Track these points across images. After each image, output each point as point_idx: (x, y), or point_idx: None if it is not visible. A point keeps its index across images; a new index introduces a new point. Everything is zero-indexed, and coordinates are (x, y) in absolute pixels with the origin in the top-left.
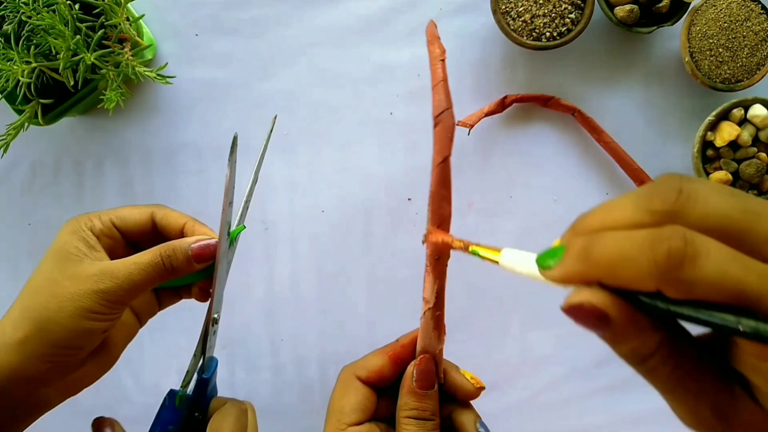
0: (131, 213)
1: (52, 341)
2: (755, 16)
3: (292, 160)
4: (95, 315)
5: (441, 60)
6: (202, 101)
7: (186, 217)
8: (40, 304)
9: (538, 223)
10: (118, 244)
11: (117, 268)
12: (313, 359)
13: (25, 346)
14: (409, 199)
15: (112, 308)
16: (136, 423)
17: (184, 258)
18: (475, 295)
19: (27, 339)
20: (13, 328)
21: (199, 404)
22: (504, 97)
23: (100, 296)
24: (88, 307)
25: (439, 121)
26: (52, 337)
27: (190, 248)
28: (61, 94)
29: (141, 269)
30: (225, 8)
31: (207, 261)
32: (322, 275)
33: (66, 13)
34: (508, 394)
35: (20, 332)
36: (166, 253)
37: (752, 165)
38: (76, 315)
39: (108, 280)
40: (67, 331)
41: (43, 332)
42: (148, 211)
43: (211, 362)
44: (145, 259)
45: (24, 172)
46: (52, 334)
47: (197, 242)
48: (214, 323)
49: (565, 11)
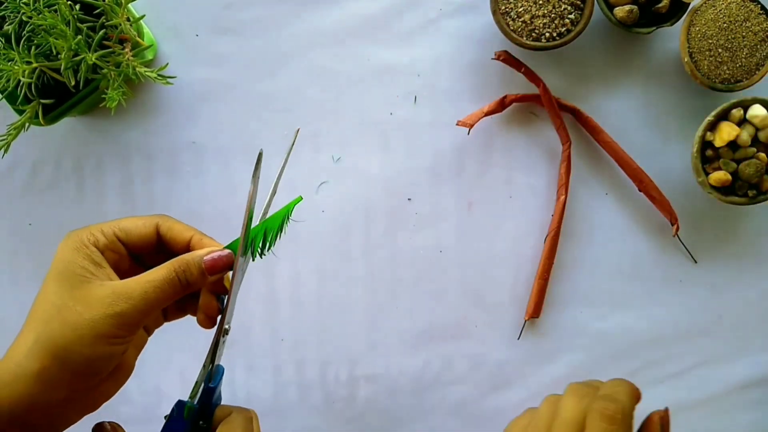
0: (135, 225)
1: (72, 370)
2: (754, 17)
3: (292, 160)
4: (114, 339)
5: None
6: (203, 101)
7: (192, 230)
8: (55, 332)
9: (538, 223)
10: (123, 258)
11: (131, 288)
12: (313, 359)
13: (43, 377)
14: (409, 199)
15: (130, 330)
16: (138, 423)
17: (198, 271)
18: (475, 295)
19: (45, 369)
20: (28, 358)
21: (203, 413)
22: (504, 97)
23: (116, 320)
24: (105, 333)
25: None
26: (72, 367)
27: (203, 261)
28: (62, 95)
29: (156, 287)
30: (225, 8)
31: (220, 273)
32: (322, 275)
33: (67, 13)
34: (508, 394)
35: (37, 363)
36: (181, 268)
37: (751, 165)
38: (95, 342)
39: (123, 302)
40: (86, 359)
41: (62, 362)
42: (152, 223)
43: (217, 371)
44: (159, 276)
45: (24, 173)
46: (71, 364)
47: (209, 254)
48: (225, 334)
49: (564, 12)
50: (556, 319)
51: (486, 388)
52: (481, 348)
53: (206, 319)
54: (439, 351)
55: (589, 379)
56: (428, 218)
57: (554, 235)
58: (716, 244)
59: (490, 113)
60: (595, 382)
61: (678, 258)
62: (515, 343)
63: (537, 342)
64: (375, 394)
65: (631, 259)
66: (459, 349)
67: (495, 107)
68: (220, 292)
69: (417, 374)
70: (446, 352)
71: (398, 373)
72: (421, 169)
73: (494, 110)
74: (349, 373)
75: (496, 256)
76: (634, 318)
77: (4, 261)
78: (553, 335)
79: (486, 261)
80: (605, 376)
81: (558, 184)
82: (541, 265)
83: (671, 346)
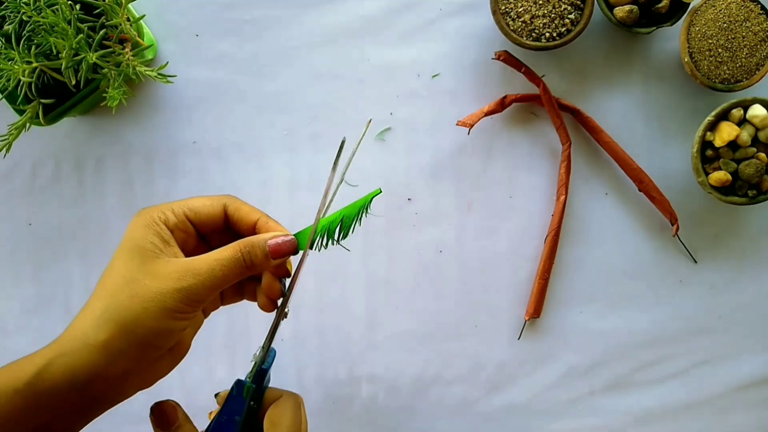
0: (204, 205)
1: (137, 342)
2: (754, 17)
3: (292, 160)
4: (178, 314)
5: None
6: (203, 101)
7: (259, 213)
8: (122, 304)
9: (538, 223)
10: (190, 237)
11: (198, 265)
12: (312, 360)
13: (109, 347)
14: (409, 199)
15: (195, 306)
16: (136, 423)
17: (263, 254)
18: (475, 295)
19: (111, 340)
20: (95, 328)
21: (255, 393)
22: (504, 96)
23: (183, 294)
24: (171, 307)
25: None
26: (137, 339)
27: (267, 244)
28: (62, 94)
29: (223, 265)
30: (225, 9)
31: (283, 257)
32: (322, 275)
33: (68, 13)
34: (508, 394)
35: (103, 333)
36: (246, 249)
37: (751, 165)
38: (161, 315)
39: (191, 277)
40: (151, 332)
41: (128, 334)
42: (220, 203)
43: (270, 354)
44: (226, 255)
45: (25, 172)
46: (136, 336)
47: (273, 239)
48: (284, 317)
49: (564, 12)
50: (556, 319)
51: (486, 388)
52: (481, 348)
53: (268, 302)
54: (439, 351)
55: (582, 379)
56: (428, 218)
57: (554, 235)
58: (716, 244)
59: (490, 113)
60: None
61: (678, 258)
62: (515, 343)
63: (537, 342)
64: (375, 394)
65: (631, 259)
66: (459, 349)
67: (495, 107)
68: (283, 276)
69: (417, 374)
70: (446, 352)
71: (398, 373)
72: (421, 169)
73: (494, 110)
74: (349, 373)
75: (496, 256)
76: (634, 318)
77: (4, 261)
78: (553, 335)
79: (486, 261)
80: (605, 376)
81: (558, 184)
82: (541, 265)
83: (671, 346)
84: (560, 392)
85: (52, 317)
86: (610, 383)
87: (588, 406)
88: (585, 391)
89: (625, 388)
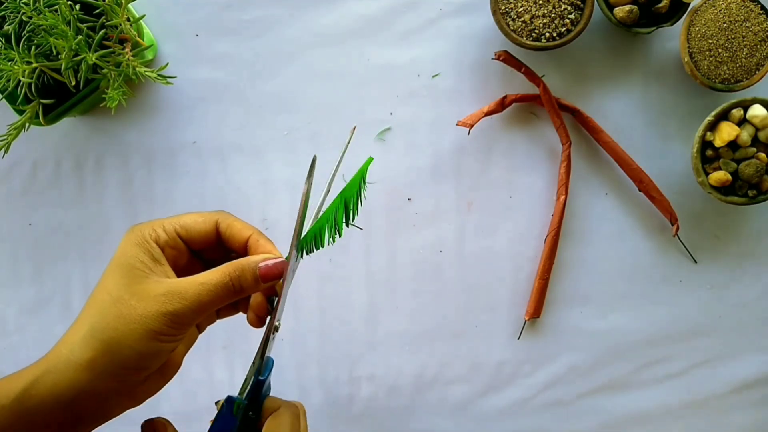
0: (196, 222)
1: (121, 363)
2: (754, 17)
3: (292, 160)
4: (164, 337)
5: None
6: (203, 101)
7: (251, 229)
8: (108, 324)
9: (538, 223)
10: (182, 254)
11: (185, 289)
12: (313, 359)
13: (94, 366)
14: (409, 199)
15: (181, 330)
16: (135, 423)
17: (252, 278)
18: (475, 295)
19: (96, 359)
20: (81, 347)
21: (253, 403)
22: (504, 97)
23: (169, 318)
24: (157, 330)
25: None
26: (121, 359)
27: (258, 268)
28: (62, 95)
29: (210, 290)
30: (225, 9)
31: (274, 280)
32: (322, 275)
33: (67, 13)
34: (508, 394)
35: (89, 352)
36: (236, 273)
37: (751, 165)
38: (145, 337)
39: (176, 301)
40: (136, 353)
41: (113, 354)
42: (212, 220)
43: (267, 363)
44: (213, 279)
45: (25, 172)
46: (121, 357)
47: (265, 262)
48: (275, 331)
49: (564, 12)
50: (556, 319)
51: (486, 388)
52: (480, 348)
53: (256, 318)
54: (439, 351)
55: (582, 379)
56: (428, 218)
57: (554, 235)
58: (716, 244)
59: (490, 113)
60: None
61: (678, 258)
62: (515, 343)
63: (537, 342)
64: (375, 394)
65: (631, 259)
66: (459, 349)
67: (495, 107)
68: (271, 294)
69: (417, 374)
70: (446, 352)
71: (398, 373)
72: (421, 169)
73: (494, 110)
74: (349, 373)
75: (496, 256)
76: (634, 318)
77: (4, 261)
78: (553, 335)
79: (486, 261)
80: (605, 376)
81: (558, 184)
82: (541, 265)
83: (671, 346)
84: (560, 392)
85: (51, 317)
86: (610, 383)
87: (588, 406)
88: (585, 391)
89: (625, 388)
